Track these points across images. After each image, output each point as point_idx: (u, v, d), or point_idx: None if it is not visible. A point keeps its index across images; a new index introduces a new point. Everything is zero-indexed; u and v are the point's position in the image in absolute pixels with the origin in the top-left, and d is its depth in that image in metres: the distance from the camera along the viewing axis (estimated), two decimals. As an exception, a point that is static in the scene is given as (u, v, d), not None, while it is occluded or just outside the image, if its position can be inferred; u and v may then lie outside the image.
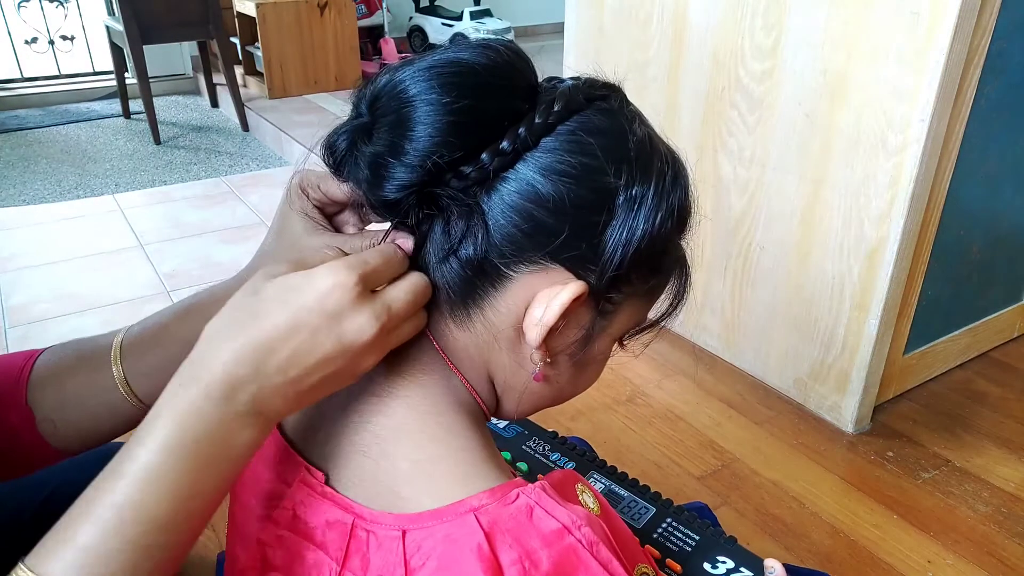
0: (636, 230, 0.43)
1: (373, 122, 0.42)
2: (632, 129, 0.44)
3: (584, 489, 0.50)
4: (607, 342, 0.49)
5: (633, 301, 0.47)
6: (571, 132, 0.42)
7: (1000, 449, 1.44)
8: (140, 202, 2.69)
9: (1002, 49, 1.26)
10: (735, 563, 0.75)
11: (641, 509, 0.83)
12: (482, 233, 0.42)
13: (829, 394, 1.49)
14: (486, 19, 4.39)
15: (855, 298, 1.38)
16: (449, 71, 0.41)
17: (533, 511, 0.40)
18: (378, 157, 0.41)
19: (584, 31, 1.79)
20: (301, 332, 0.40)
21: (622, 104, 0.46)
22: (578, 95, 0.44)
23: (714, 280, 1.65)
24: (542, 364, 0.47)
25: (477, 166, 0.41)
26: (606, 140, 0.43)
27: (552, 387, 0.50)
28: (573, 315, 0.45)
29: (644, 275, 0.46)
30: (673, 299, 0.50)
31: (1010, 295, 1.72)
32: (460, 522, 0.39)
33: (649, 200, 0.43)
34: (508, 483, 0.42)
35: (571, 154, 0.42)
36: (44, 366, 0.60)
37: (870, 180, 1.30)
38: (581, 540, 0.39)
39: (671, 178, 0.45)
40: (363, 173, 0.42)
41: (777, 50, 1.39)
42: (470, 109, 0.40)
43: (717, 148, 1.56)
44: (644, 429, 1.49)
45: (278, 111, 3.51)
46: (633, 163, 0.43)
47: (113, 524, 0.38)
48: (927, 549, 1.22)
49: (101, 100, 3.90)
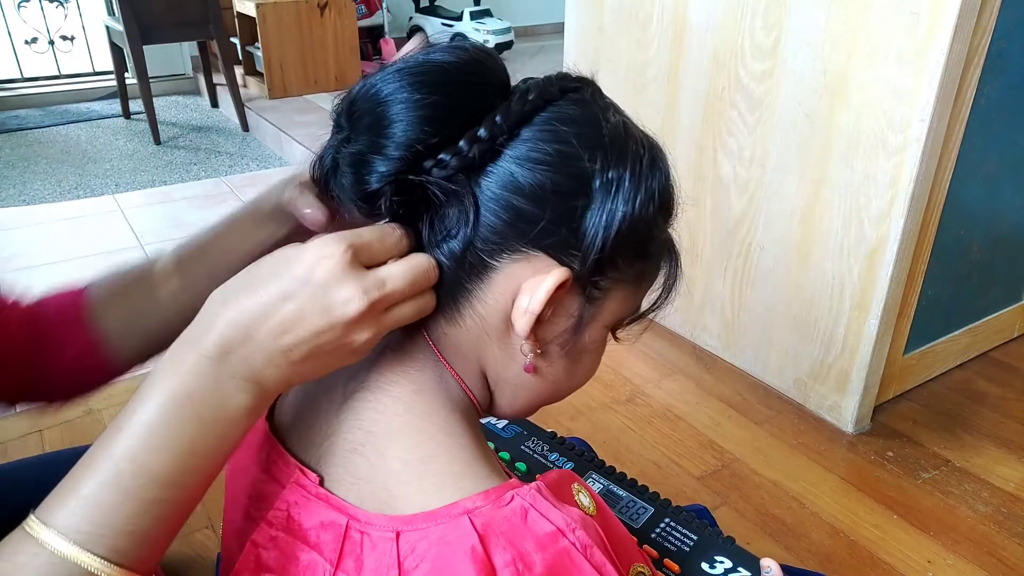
0: (616, 213, 0.43)
1: (351, 128, 0.44)
2: (605, 117, 0.45)
3: (580, 489, 0.50)
4: (599, 330, 0.49)
5: (621, 287, 0.47)
6: (546, 122, 0.44)
7: (1000, 449, 1.44)
8: (140, 202, 2.69)
9: (1002, 49, 1.26)
10: (733, 563, 0.75)
11: (639, 509, 0.83)
12: (467, 224, 0.43)
13: (829, 394, 1.49)
14: (486, 19, 4.39)
15: (855, 298, 1.38)
16: (419, 70, 0.42)
17: (528, 513, 0.40)
18: (358, 155, 0.43)
19: (584, 31, 1.79)
20: (289, 301, 0.41)
21: (595, 95, 0.47)
22: (551, 86, 0.45)
23: (714, 280, 1.65)
24: (533, 355, 0.47)
25: (455, 153, 0.42)
26: (580, 128, 0.44)
27: (546, 380, 0.50)
28: (560, 303, 0.45)
29: (630, 259, 0.46)
30: (664, 287, 0.50)
31: (1010, 295, 1.72)
32: (454, 524, 0.39)
33: (626, 183, 0.44)
34: (503, 484, 0.42)
35: (547, 143, 0.43)
36: (99, 291, 0.64)
37: (870, 180, 1.29)
38: (575, 543, 0.39)
39: (648, 161, 0.45)
40: (346, 177, 0.43)
41: (777, 50, 1.39)
42: (442, 104, 0.42)
43: (717, 148, 1.56)
44: (644, 429, 1.49)
45: (278, 111, 3.51)
46: (608, 148, 0.44)
47: (112, 476, 0.40)
48: (927, 549, 1.22)
49: (101, 100, 3.90)
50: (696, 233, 1.65)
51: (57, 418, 1.50)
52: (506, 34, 4.36)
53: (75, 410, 1.52)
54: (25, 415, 1.52)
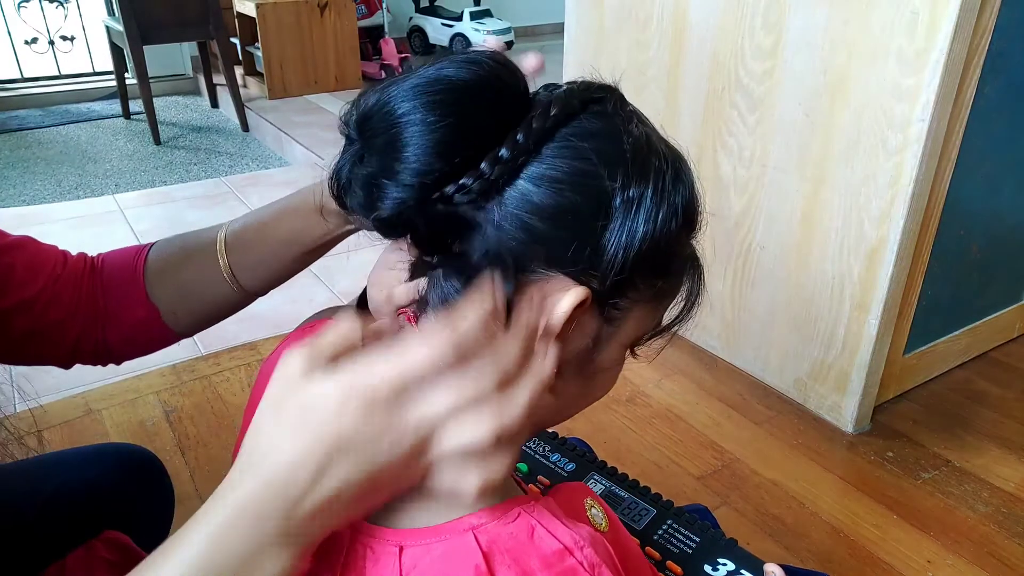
0: (636, 232, 0.42)
1: (364, 145, 0.42)
2: (628, 130, 0.44)
3: (593, 504, 0.49)
4: (616, 350, 0.48)
5: (641, 306, 0.46)
6: (564, 138, 0.42)
7: (1000, 449, 1.44)
8: (140, 202, 2.69)
9: (1002, 49, 1.26)
10: (736, 565, 0.75)
11: (641, 511, 0.83)
12: (486, 245, 0.41)
13: (829, 394, 1.49)
14: (486, 19, 4.39)
15: (855, 298, 1.38)
16: (432, 90, 0.40)
17: (534, 530, 0.39)
18: (371, 178, 0.41)
19: (584, 31, 1.79)
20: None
21: (617, 105, 0.45)
22: (573, 99, 0.43)
23: (714, 280, 1.65)
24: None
25: (478, 176, 0.40)
26: (600, 143, 0.42)
27: (560, 399, 0.48)
28: (578, 323, 0.43)
29: (651, 279, 0.45)
30: (686, 301, 0.49)
31: (1010, 295, 1.72)
32: (458, 540, 0.39)
33: (648, 201, 0.42)
34: (509, 500, 0.41)
35: (564, 160, 0.41)
36: (156, 262, 0.66)
37: (870, 180, 1.30)
38: (583, 562, 0.39)
39: (671, 177, 0.44)
40: (359, 196, 0.42)
41: (777, 50, 1.39)
42: (456, 126, 0.40)
43: (717, 148, 1.56)
44: (644, 429, 1.49)
45: (278, 111, 3.51)
46: (629, 164, 0.42)
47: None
48: (927, 549, 1.22)
49: (101, 100, 3.90)
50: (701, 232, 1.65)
51: (57, 418, 1.50)
52: (506, 34, 4.36)
53: (75, 410, 1.52)
54: (24, 415, 1.52)
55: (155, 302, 0.65)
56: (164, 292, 0.65)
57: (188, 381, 1.63)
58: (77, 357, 0.68)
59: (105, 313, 0.66)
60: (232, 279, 0.64)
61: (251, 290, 0.67)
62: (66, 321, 0.65)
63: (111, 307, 0.66)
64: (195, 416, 1.51)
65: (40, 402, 1.56)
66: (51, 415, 1.52)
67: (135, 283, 0.65)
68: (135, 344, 0.69)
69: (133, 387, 1.59)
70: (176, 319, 0.67)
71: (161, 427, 1.47)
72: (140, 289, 0.65)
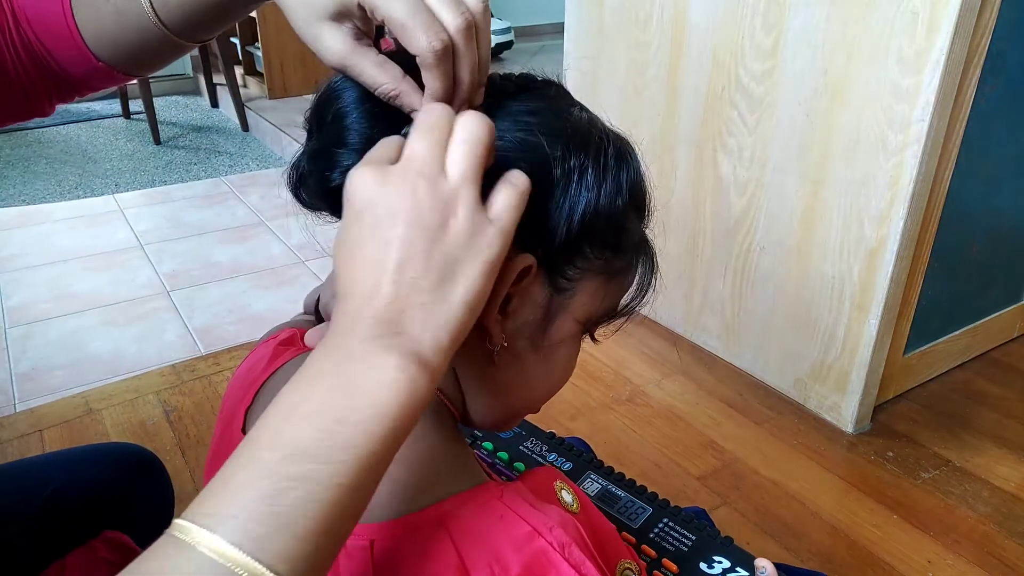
0: (579, 201, 0.43)
1: (317, 127, 0.44)
2: (569, 111, 0.45)
3: (563, 486, 0.50)
4: (569, 323, 0.48)
5: (591, 278, 0.47)
6: (508, 112, 0.44)
7: (1000, 449, 1.44)
8: (140, 202, 2.69)
9: (1002, 49, 1.26)
10: (731, 563, 0.75)
11: (638, 509, 0.83)
12: None
13: (829, 394, 1.49)
14: (486, 19, 4.39)
15: (855, 298, 1.38)
16: None
17: (504, 514, 0.40)
18: (323, 151, 0.43)
19: (584, 31, 1.79)
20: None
21: (560, 92, 0.47)
22: (510, 82, 0.45)
23: (714, 280, 1.65)
24: (500, 347, 0.46)
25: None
26: (542, 118, 0.44)
27: (518, 377, 0.49)
28: (527, 292, 0.45)
29: (599, 250, 0.46)
30: (639, 285, 0.50)
31: (1010, 295, 1.72)
32: (429, 531, 0.39)
33: (589, 172, 0.44)
34: (478, 487, 0.41)
35: (508, 131, 0.43)
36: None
37: (870, 180, 1.30)
38: (552, 543, 0.39)
39: (614, 155, 0.45)
40: (314, 175, 0.43)
41: (777, 50, 1.39)
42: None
43: (717, 148, 1.56)
44: (644, 429, 1.49)
45: (278, 111, 3.51)
46: (570, 138, 0.44)
47: (248, 454, 0.33)
48: (927, 549, 1.22)
49: (101, 100, 3.90)
50: (696, 233, 1.65)
51: (57, 418, 1.50)
52: (506, 34, 4.36)
53: (75, 410, 1.52)
54: (25, 415, 1.52)
55: (83, 36, 0.63)
56: (87, 28, 0.63)
57: (188, 381, 1.63)
58: (51, 99, 0.67)
59: (42, 54, 0.64)
60: (155, 18, 0.61)
61: (169, 24, 0.62)
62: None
63: (47, 44, 0.64)
64: (195, 416, 1.51)
65: (40, 402, 1.57)
66: (51, 415, 1.52)
67: (64, 20, 0.63)
68: (85, 79, 0.67)
69: (133, 387, 1.59)
70: (101, 46, 0.64)
71: (161, 427, 1.47)
72: (69, 25, 0.63)
